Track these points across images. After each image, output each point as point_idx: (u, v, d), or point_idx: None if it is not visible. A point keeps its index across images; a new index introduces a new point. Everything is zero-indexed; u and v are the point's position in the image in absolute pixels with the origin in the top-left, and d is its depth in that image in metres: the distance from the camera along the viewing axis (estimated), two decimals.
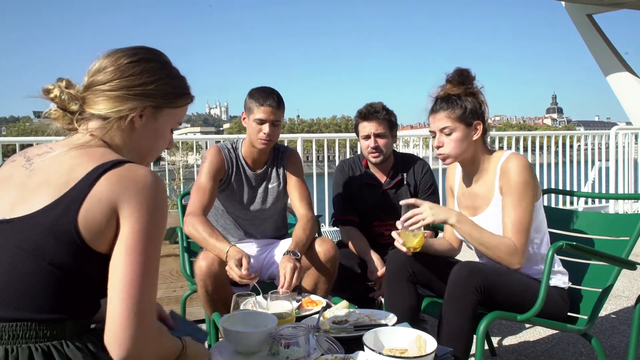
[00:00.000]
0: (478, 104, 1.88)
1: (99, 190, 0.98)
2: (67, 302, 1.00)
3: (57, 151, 1.07)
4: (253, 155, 2.33)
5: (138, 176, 1.01)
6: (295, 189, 2.34)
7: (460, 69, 1.91)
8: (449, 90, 1.89)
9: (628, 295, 3.41)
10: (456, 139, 1.86)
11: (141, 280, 0.98)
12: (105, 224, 0.98)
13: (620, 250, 1.93)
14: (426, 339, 1.30)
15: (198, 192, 2.18)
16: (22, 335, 0.96)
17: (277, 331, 1.36)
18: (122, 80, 1.09)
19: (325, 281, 2.12)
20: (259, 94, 2.22)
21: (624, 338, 2.65)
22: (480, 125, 1.88)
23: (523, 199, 1.77)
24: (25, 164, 1.07)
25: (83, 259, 0.98)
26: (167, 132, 1.21)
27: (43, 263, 0.97)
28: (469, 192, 1.98)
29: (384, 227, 2.62)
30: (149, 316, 0.99)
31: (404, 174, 2.61)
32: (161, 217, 1.04)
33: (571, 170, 6.60)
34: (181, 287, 2.97)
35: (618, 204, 6.08)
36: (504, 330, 2.82)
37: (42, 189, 1.01)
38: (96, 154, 1.05)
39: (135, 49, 1.15)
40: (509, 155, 1.85)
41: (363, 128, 2.55)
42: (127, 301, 0.97)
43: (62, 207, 0.98)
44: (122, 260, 0.98)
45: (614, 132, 6.13)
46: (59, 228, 0.97)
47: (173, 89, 1.16)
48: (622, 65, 9.09)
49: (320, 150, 5.52)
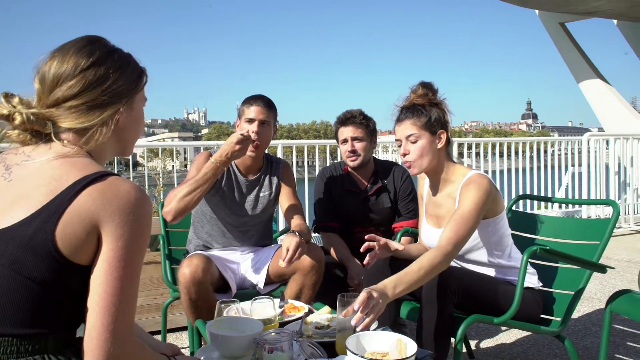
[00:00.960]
0: (442, 113, 1.95)
1: (79, 205, 0.96)
2: (49, 316, 0.98)
3: (37, 159, 1.03)
4: (245, 161, 2.36)
5: (121, 192, 0.99)
6: (288, 200, 2.39)
7: (424, 82, 1.99)
8: (414, 100, 1.96)
9: (600, 297, 3.51)
10: (421, 147, 1.92)
11: (120, 298, 0.97)
12: (85, 238, 0.97)
13: (591, 254, 2.00)
14: (406, 342, 1.33)
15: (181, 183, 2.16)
16: (3, 351, 0.95)
17: (261, 336, 1.38)
18: (94, 91, 1.05)
19: (309, 287, 2.15)
20: (250, 98, 2.31)
21: (596, 339, 2.73)
22: (443, 134, 1.94)
23: (469, 219, 1.78)
24: (5, 174, 1.03)
25: (62, 273, 0.97)
26: (143, 114, 1.20)
27: (21, 278, 0.95)
28: (434, 202, 2.04)
29: (364, 233, 2.64)
30: (126, 333, 0.98)
31: (384, 180, 2.66)
32: (144, 234, 1.02)
33: (545, 175, 6.76)
34: (162, 294, 2.97)
35: (590, 208, 6.25)
36: (481, 333, 2.88)
37: (20, 202, 0.98)
38: (77, 165, 1.02)
39: (87, 46, 1.08)
40: (473, 174, 1.90)
41: (341, 133, 2.60)
42: (104, 319, 0.96)
43: (39, 220, 0.95)
44: (102, 278, 0.97)
45: (586, 138, 6.30)
46: (36, 242, 0.95)
47: (134, 74, 1.14)
48: (594, 73, 9.35)
49: (299, 156, 5.55)
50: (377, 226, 2.66)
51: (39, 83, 1.07)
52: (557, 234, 2.21)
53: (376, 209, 2.65)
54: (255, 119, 2.25)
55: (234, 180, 2.35)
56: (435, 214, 2.03)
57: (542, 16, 9.76)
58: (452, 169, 1.98)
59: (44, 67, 1.06)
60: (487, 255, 1.97)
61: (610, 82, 9.30)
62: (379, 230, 2.66)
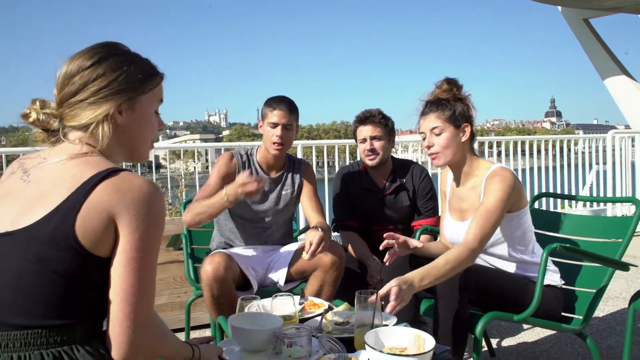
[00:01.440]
0: (466, 108, 1.97)
1: (95, 199, 1.01)
2: (75, 307, 1.03)
3: (52, 160, 1.10)
4: (268, 160, 2.42)
5: (134, 186, 1.04)
6: (310, 200, 2.43)
7: (449, 78, 2.01)
8: (439, 95, 1.98)
9: (625, 297, 3.45)
10: (445, 139, 1.94)
11: (139, 288, 1.02)
12: (104, 231, 1.02)
13: (614, 252, 1.98)
14: (425, 337, 1.35)
15: (203, 190, 2.27)
16: (33, 343, 0.99)
17: (281, 331, 1.42)
18: (90, 87, 1.10)
19: (330, 284, 2.17)
20: (273, 100, 2.35)
21: (620, 338, 2.70)
22: (468, 128, 1.96)
23: (493, 213, 1.80)
24: (23, 176, 1.10)
25: (85, 265, 1.02)
26: (151, 117, 1.21)
27: (47, 272, 1.00)
28: (457, 195, 2.05)
29: (383, 231, 2.66)
30: (146, 321, 1.04)
31: (403, 179, 2.66)
32: (158, 225, 1.07)
33: (569, 174, 6.65)
34: (185, 292, 3.02)
35: (616, 206, 6.13)
36: (502, 331, 2.86)
37: (40, 200, 1.04)
38: (91, 163, 1.08)
39: (93, 49, 1.14)
40: (497, 168, 1.92)
41: (360, 132, 2.62)
42: (125, 309, 1.01)
43: (59, 216, 1.01)
44: (121, 269, 1.02)
45: (610, 135, 6.18)
46: (58, 237, 1.00)
47: (139, 76, 1.16)
48: (620, 69, 9.16)
49: (319, 156, 5.57)
50: (396, 224, 2.67)
51: (55, 86, 1.14)
52: (579, 231, 2.19)
53: (395, 207, 2.66)
54: (279, 124, 2.30)
55: None
56: (458, 207, 2.04)
57: (565, 13, 9.60)
58: (475, 163, 2.00)
59: (58, 73, 1.14)
60: (510, 249, 1.96)
61: (636, 79, 9.11)
62: (397, 228, 2.67)
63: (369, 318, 1.47)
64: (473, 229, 1.79)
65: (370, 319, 1.47)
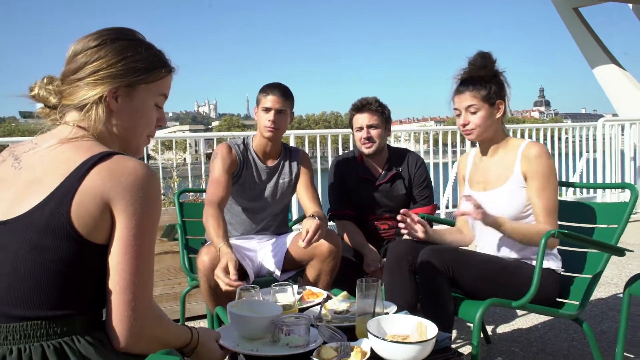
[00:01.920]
0: (500, 85, 1.99)
1: (89, 184, 0.99)
2: (73, 297, 1.01)
3: (44, 146, 1.07)
4: (264, 148, 2.40)
5: (128, 169, 1.01)
6: (307, 189, 2.42)
7: (482, 52, 2.01)
8: (473, 73, 1.99)
9: (617, 282, 3.50)
10: (481, 117, 1.98)
11: (138, 275, 1.01)
12: (99, 216, 0.99)
13: (609, 237, 1.99)
14: (427, 325, 1.34)
15: (213, 184, 2.25)
16: (33, 334, 0.97)
17: (280, 319, 1.41)
18: (90, 66, 1.09)
19: (327, 273, 2.17)
20: (267, 87, 2.35)
21: (613, 324, 2.73)
22: (502, 105, 1.99)
23: (550, 184, 1.91)
24: (14, 163, 1.07)
25: (82, 253, 0.99)
26: (150, 110, 1.17)
27: (44, 261, 0.98)
28: (483, 168, 2.07)
29: (379, 220, 2.68)
30: (146, 307, 1.03)
31: (399, 167, 2.66)
32: (155, 209, 1.05)
33: (559, 162, 6.70)
34: (179, 283, 3.00)
35: (605, 193, 6.20)
36: (497, 318, 2.88)
37: (33, 187, 1.01)
38: (83, 147, 1.05)
39: (102, 31, 1.13)
40: (531, 142, 1.97)
41: (356, 120, 2.60)
42: (125, 297, 1.00)
43: (53, 203, 0.98)
44: (119, 257, 1.01)
45: (600, 123, 6.22)
46: (54, 224, 0.97)
47: (144, 65, 1.13)
48: (609, 58, 9.20)
49: (310, 147, 5.55)
50: (392, 213, 2.67)
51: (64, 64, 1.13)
52: (574, 218, 2.20)
53: (390, 196, 2.65)
54: (272, 108, 2.29)
55: (254, 167, 2.38)
56: (483, 179, 2.07)
57: (556, 1, 9.62)
58: (505, 138, 2.04)
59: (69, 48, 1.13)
60: None
61: (624, 67, 9.16)
62: (393, 217, 2.66)
63: (370, 306, 1.46)
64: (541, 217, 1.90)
65: (371, 307, 1.46)
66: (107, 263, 1.02)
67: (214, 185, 2.25)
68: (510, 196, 1.95)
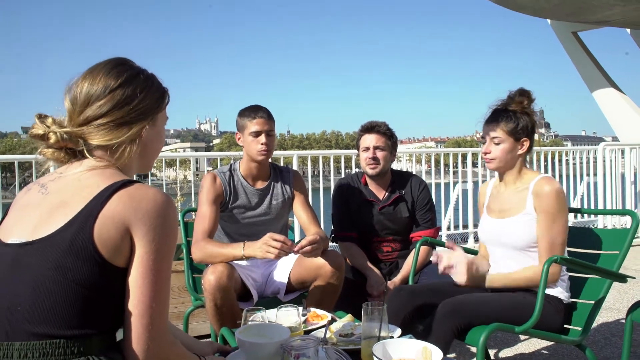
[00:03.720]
0: (531, 123, 2.03)
1: (111, 208, 1.03)
2: (93, 317, 1.04)
3: (69, 173, 1.12)
4: (252, 171, 2.41)
5: (148, 196, 1.06)
6: (304, 210, 2.45)
7: (522, 89, 2.06)
8: (507, 105, 2.04)
9: (619, 307, 3.49)
10: (503, 149, 2.03)
11: (156, 300, 1.05)
12: (120, 241, 1.03)
13: (611, 263, 2.01)
14: (432, 350, 1.36)
15: (199, 221, 2.28)
16: (52, 353, 1.00)
17: (287, 343, 1.42)
18: (121, 109, 1.13)
19: (331, 294, 2.18)
20: (249, 111, 2.36)
21: (616, 349, 2.73)
22: (526, 142, 2.04)
23: (557, 223, 1.93)
24: (41, 190, 1.12)
25: (103, 274, 1.03)
26: (164, 132, 1.27)
27: (66, 281, 1.01)
28: (500, 198, 2.12)
29: (382, 243, 2.69)
30: (163, 331, 1.07)
31: (402, 190, 2.68)
32: (173, 235, 1.10)
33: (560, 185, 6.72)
34: (182, 303, 3.00)
35: (607, 218, 6.21)
36: (500, 342, 2.88)
37: (58, 210, 1.06)
38: (106, 175, 1.10)
39: (115, 68, 1.16)
40: (542, 178, 2.00)
41: (364, 140, 2.64)
42: (143, 320, 1.04)
43: (77, 225, 1.03)
44: (139, 281, 1.05)
45: (601, 147, 6.28)
46: (77, 245, 1.01)
47: (157, 93, 1.21)
48: (608, 82, 9.31)
49: (313, 166, 5.60)
50: (395, 236, 2.69)
51: (71, 103, 1.15)
52: (576, 243, 2.22)
53: (393, 218, 2.68)
54: (262, 131, 2.31)
55: (244, 192, 2.40)
56: (499, 208, 2.10)
57: (555, 25, 9.76)
58: (523, 171, 2.08)
59: (76, 89, 1.14)
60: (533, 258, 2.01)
61: (624, 91, 9.26)
62: (396, 240, 2.69)
63: (376, 329, 1.48)
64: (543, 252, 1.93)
65: (377, 330, 1.48)
66: (126, 286, 1.05)
67: (199, 222, 2.27)
68: (523, 226, 1.99)
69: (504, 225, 2.04)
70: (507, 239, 2.02)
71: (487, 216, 2.16)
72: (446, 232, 6.00)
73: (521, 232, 1.99)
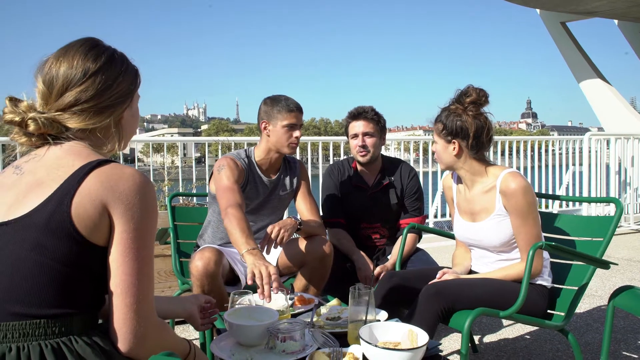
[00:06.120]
0: (467, 124, 1.96)
1: (87, 187, 1.02)
2: (73, 296, 1.03)
3: (43, 154, 1.10)
4: (269, 162, 2.38)
5: (126, 174, 1.05)
6: (304, 199, 2.44)
7: (467, 89, 2.00)
8: (451, 106, 2.03)
9: (601, 294, 3.56)
10: (438, 150, 2.08)
11: (139, 277, 1.03)
12: (99, 219, 1.02)
13: (595, 250, 2.04)
14: (417, 332, 1.37)
15: (228, 191, 2.16)
16: (32, 333, 0.99)
17: (274, 326, 1.43)
18: (103, 94, 1.11)
19: (318, 279, 2.19)
20: (285, 102, 2.29)
21: (597, 335, 2.78)
22: (456, 143, 1.99)
23: (528, 219, 1.93)
24: (15, 171, 1.10)
25: (82, 253, 1.02)
26: (138, 111, 1.25)
27: (45, 260, 0.99)
28: (466, 199, 2.10)
29: (370, 229, 2.71)
30: (149, 310, 1.05)
31: (391, 177, 2.69)
32: (152, 214, 1.08)
33: (546, 174, 6.81)
34: (169, 287, 3.00)
35: (591, 206, 6.30)
36: (484, 328, 2.92)
37: (33, 189, 1.04)
38: (82, 154, 1.08)
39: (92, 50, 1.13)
40: (508, 174, 1.96)
41: (352, 127, 2.63)
42: (127, 299, 1.02)
43: (53, 203, 1.01)
44: (119, 260, 1.03)
45: (587, 137, 6.35)
46: (54, 223, 1.00)
47: (132, 74, 1.19)
48: (595, 73, 9.39)
49: (302, 153, 5.59)
50: (383, 222, 2.70)
51: (46, 87, 1.10)
52: (560, 230, 2.25)
53: (382, 205, 2.68)
54: (297, 125, 2.30)
55: (259, 181, 2.38)
56: (469, 210, 2.10)
57: (543, 15, 9.79)
58: (481, 170, 2.03)
59: (51, 71, 1.10)
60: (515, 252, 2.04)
61: (610, 82, 9.34)
62: (384, 226, 2.70)
63: (363, 313, 1.49)
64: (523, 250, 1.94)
65: (363, 314, 1.49)
66: (107, 265, 1.04)
67: (229, 192, 2.15)
68: (497, 227, 1.99)
69: (477, 229, 2.04)
70: (483, 242, 2.05)
71: (460, 218, 2.16)
72: (433, 219, 6.05)
73: (496, 234, 2.00)
